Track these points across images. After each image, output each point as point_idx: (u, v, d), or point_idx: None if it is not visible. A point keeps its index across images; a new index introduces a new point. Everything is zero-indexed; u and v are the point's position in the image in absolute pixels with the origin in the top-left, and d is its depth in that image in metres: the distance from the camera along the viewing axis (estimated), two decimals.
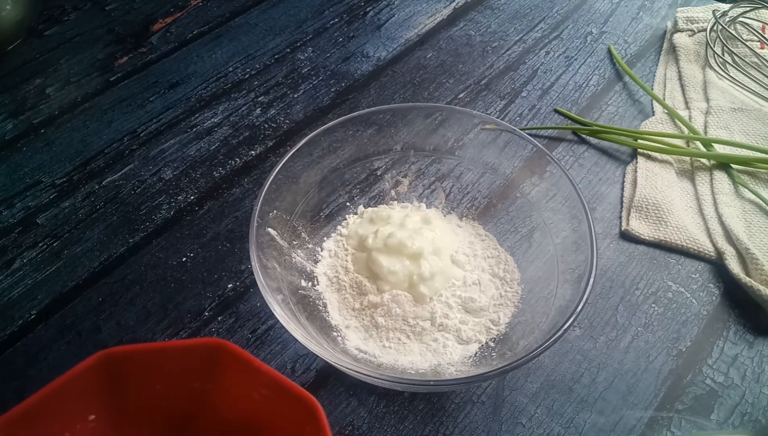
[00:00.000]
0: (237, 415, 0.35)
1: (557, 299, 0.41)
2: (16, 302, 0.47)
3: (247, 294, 0.47)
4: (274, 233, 0.44)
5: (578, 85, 0.64)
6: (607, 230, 0.52)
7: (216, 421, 0.35)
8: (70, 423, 0.33)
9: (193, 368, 0.35)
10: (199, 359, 0.34)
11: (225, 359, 0.34)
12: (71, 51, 0.68)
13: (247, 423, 0.35)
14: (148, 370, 0.34)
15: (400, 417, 0.41)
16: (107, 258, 0.50)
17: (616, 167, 0.57)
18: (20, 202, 0.54)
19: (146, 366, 0.34)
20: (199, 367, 0.34)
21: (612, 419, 0.41)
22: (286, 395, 0.32)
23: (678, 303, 0.47)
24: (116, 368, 0.33)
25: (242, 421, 0.35)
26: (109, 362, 0.33)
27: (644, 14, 0.72)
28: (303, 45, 0.69)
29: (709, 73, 0.63)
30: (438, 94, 0.63)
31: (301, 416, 0.32)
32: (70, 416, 0.33)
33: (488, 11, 0.73)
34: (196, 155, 0.58)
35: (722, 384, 0.43)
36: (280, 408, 0.33)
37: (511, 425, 0.41)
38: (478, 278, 0.46)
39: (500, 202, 0.49)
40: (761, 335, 0.45)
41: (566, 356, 0.44)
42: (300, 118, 0.60)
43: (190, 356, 0.34)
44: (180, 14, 0.72)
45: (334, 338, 0.43)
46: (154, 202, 0.54)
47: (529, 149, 0.47)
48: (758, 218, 0.51)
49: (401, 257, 0.44)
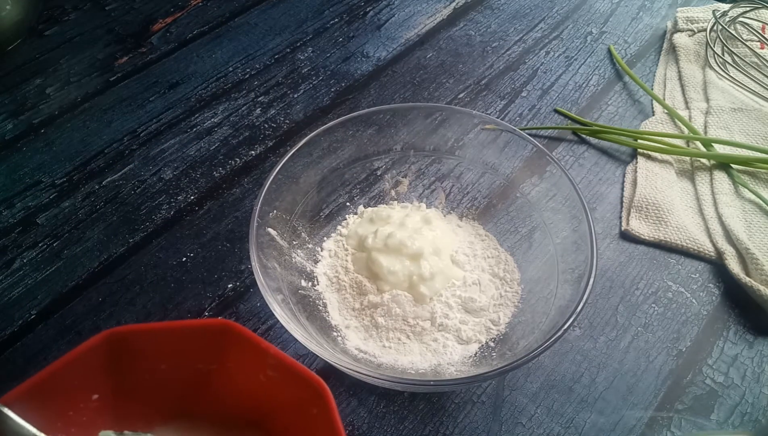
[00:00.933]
0: (242, 396, 0.35)
1: (557, 299, 0.41)
2: (16, 302, 0.47)
3: (247, 294, 0.48)
4: (274, 232, 0.44)
5: (578, 85, 0.64)
6: (607, 230, 0.52)
7: (221, 402, 0.35)
8: (74, 402, 0.33)
9: (199, 348, 0.34)
10: (204, 340, 0.34)
11: (231, 339, 0.33)
12: (71, 51, 0.68)
13: (252, 404, 0.34)
14: (153, 349, 0.34)
15: (400, 417, 0.41)
16: (107, 258, 0.50)
17: (616, 167, 0.57)
18: (20, 203, 0.54)
19: (151, 346, 0.34)
20: (204, 347, 0.34)
21: (612, 419, 0.41)
22: (292, 377, 0.32)
23: (678, 303, 0.47)
24: (120, 347, 0.33)
25: (247, 402, 0.35)
26: (114, 341, 0.32)
27: (644, 14, 0.72)
28: (303, 45, 0.69)
29: (709, 73, 0.63)
30: (438, 94, 0.63)
31: (307, 398, 0.31)
32: (73, 395, 0.33)
33: (488, 11, 0.73)
34: (196, 155, 0.58)
35: (722, 384, 0.43)
36: (286, 390, 0.33)
37: (511, 425, 0.41)
38: (478, 278, 0.46)
39: (500, 202, 0.49)
40: (761, 335, 0.45)
41: (566, 356, 0.44)
42: (300, 118, 0.60)
43: (195, 337, 0.34)
44: (180, 14, 0.72)
45: (334, 338, 0.43)
46: (154, 203, 0.54)
47: (529, 149, 0.47)
48: (758, 218, 0.51)
49: (401, 256, 0.44)
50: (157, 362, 0.34)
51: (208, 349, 0.34)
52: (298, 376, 0.32)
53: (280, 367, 0.32)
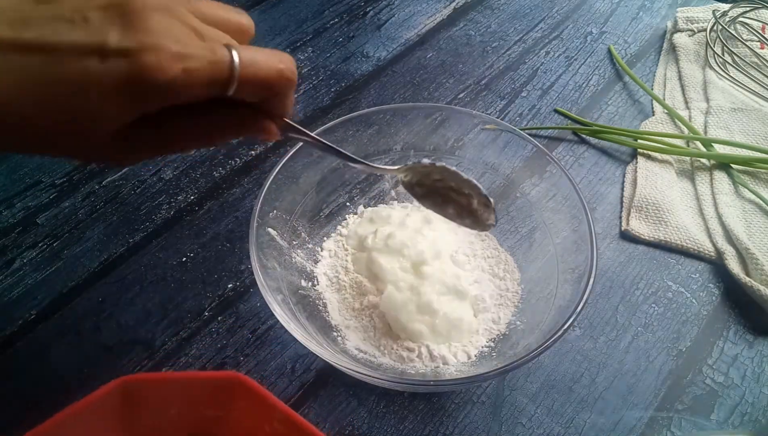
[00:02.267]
0: None
1: (557, 299, 0.41)
2: (16, 302, 0.47)
3: (247, 294, 0.47)
4: (274, 233, 0.44)
5: (578, 85, 0.64)
6: (607, 230, 0.52)
7: None
8: None
9: (208, 397, 0.35)
10: (214, 389, 0.35)
11: (240, 390, 0.34)
12: None
13: None
14: (164, 396, 0.35)
15: (400, 417, 0.41)
16: (107, 258, 0.50)
17: (616, 167, 0.57)
18: (20, 203, 0.54)
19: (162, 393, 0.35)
20: (213, 396, 0.35)
21: (612, 419, 0.41)
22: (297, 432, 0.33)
23: (678, 303, 0.47)
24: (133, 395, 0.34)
25: None
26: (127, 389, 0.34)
27: (644, 14, 0.72)
28: (303, 45, 0.69)
29: (709, 73, 0.63)
30: (438, 94, 0.63)
31: None
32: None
33: (488, 11, 0.73)
34: (196, 155, 0.57)
35: (722, 384, 0.43)
36: None
37: (511, 425, 0.41)
38: (478, 278, 0.46)
39: (500, 202, 0.49)
40: (761, 335, 0.45)
41: (566, 356, 0.44)
42: (300, 118, 0.60)
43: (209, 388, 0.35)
44: None
45: (334, 338, 0.43)
46: (154, 202, 0.54)
47: (529, 149, 0.47)
48: (758, 218, 0.51)
49: (400, 257, 0.44)
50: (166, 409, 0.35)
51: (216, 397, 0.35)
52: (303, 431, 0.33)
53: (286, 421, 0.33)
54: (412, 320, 0.42)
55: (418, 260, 0.44)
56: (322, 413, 0.41)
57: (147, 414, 0.35)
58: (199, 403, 0.35)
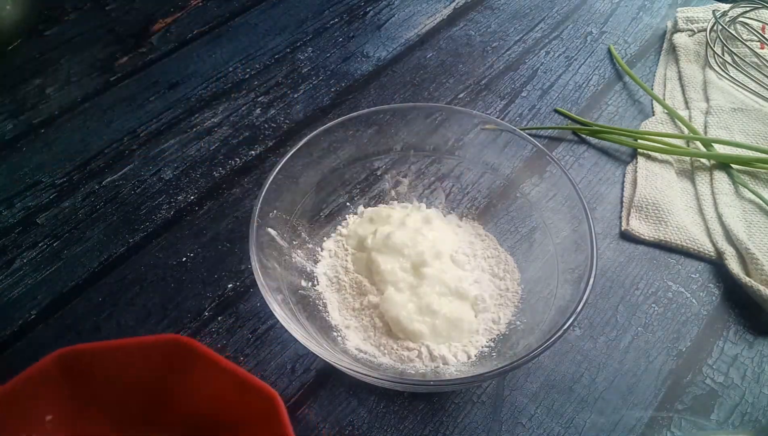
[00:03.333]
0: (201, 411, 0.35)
1: (557, 299, 0.41)
2: (16, 302, 0.47)
3: (247, 294, 0.47)
4: (274, 233, 0.44)
5: (578, 85, 0.64)
6: (607, 230, 0.52)
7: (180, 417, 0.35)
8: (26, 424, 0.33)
9: (154, 365, 0.34)
10: (160, 356, 0.34)
11: (186, 355, 0.34)
12: (71, 51, 0.68)
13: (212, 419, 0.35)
14: (108, 368, 0.34)
15: (400, 417, 0.41)
16: (107, 258, 0.50)
17: (616, 167, 0.57)
18: (20, 203, 0.54)
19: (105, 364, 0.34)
20: (160, 364, 0.34)
21: (612, 419, 0.41)
22: (248, 390, 0.32)
23: (678, 303, 0.47)
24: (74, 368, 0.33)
25: (207, 417, 0.35)
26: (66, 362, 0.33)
27: (644, 14, 0.72)
28: (303, 45, 0.69)
29: (709, 73, 0.63)
30: (438, 94, 0.63)
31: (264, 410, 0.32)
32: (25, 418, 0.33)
33: (488, 11, 0.73)
34: (196, 155, 0.58)
35: (722, 384, 0.43)
36: (245, 403, 0.33)
37: (511, 425, 0.41)
38: (478, 278, 0.46)
39: (500, 202, 0.49)
40: (761, 335, 0.45)
41: (566, 356, 0.44)
42: (300, 118, 0.60)
43: (150, 354, 0.34)
44: (180, 14, 0.72)
45: (334, 338, 0.43)
46: (154, 202, 0.54)
47: (529, 149, 0.47)
48: (758, 218, 0.51)
49: (400, 257, 0.44)
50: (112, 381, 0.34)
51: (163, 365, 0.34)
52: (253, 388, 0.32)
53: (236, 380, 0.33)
54: (412, 321, 0.42)
55: (418, 260, 0.44)
56: (322, 413, 0.41)
57: (96, 385, 0.34)
58: (146, 373, 0.34)
